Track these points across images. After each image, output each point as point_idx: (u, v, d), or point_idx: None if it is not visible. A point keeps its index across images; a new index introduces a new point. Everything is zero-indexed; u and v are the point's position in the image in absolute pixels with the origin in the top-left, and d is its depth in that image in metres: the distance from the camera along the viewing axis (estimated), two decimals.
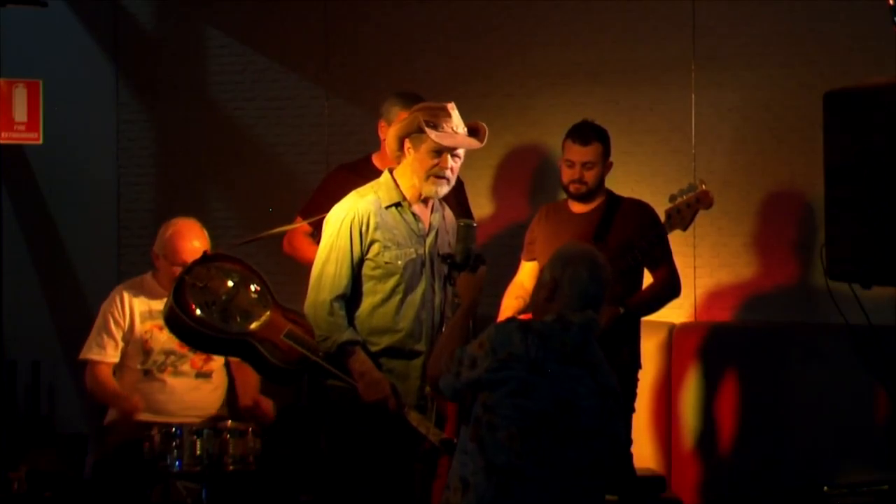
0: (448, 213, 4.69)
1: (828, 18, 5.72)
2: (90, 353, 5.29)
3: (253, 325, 4.63)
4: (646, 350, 5.44)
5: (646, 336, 5.34)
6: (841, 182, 3.79)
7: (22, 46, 6.40)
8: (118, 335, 5.28)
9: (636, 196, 5.31)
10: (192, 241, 5.29)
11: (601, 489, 3.98)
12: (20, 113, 6.12)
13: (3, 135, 6.12)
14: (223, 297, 4.66)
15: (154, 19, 6.83)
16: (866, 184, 3.70)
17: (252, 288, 4.74)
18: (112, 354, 5.28)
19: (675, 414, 5.72)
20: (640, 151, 5.98)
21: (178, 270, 5.20)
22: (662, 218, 4.90)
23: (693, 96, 5.93)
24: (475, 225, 4.36)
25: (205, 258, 4.81)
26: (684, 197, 4.86)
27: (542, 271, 4.08)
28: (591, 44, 6.08)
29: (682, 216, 4.87)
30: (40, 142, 6.19)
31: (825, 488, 5.00)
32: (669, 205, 4.88)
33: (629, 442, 4.91)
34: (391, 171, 4.56)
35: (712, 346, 5.73)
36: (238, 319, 4.64)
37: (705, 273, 5.91)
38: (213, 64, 6.71)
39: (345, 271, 4.44)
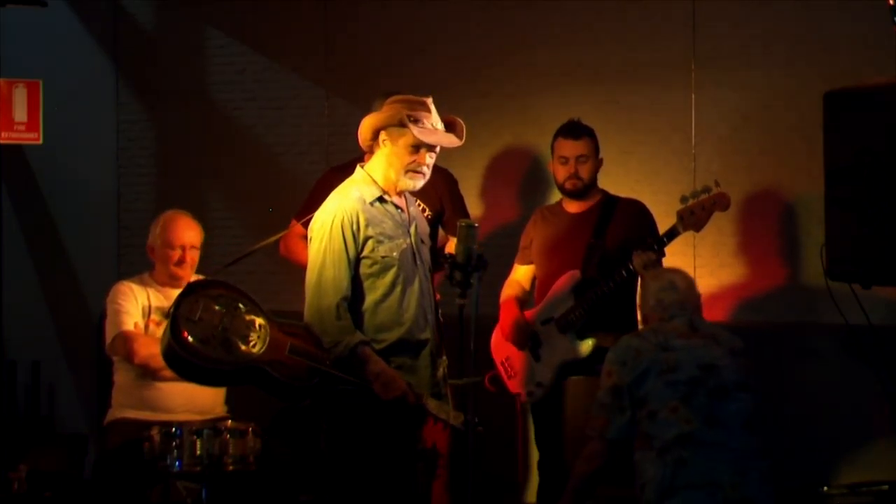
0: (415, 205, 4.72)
1: (828, 18, 5.72)
2: (117, 330, 5.22)
3: (256, 349, 4.52)
4: None
5: None
6: (841, 182, 3.80)
7: (22, 46, 6.39)
8: (136, 312, 5.27)
9: (636, 196, 5.31)
10: (187, 225, 5.33)
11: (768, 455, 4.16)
12: (20, 113, 6.11)
13: (3, 135, 6.11)
14: (220, 328, 4.54)
15: (154, 19, 6.83)
16: (866, 184, 3.70)
17: (242, 309, 4.64)
18: (137, 325, 5.26)
19: None
20: (640, 151, 5.98)
21: (177, 254, 5.24)
22: (674, 219, 4.89)
23: (693, 96, 5.93)
24: (477, 226, 4.35)
25: (190, 288, 4.69)
26: (699, 198, 4.85)
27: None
28: (591, 44, 6.08)
29: (697, 218, 4.86)
30: (40, 142, 6.19)
31: (825, 488, 5.01)
32: (681, 206, 4.87)
33: None
34: (362, 167, 4.55)
35: None
36: (240, 346, 4.52)
37: (705, 273, 5.90)
38: (213, 64, 6.71)
39: (344, 273, 4.40)
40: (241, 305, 4.60)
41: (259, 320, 4.56)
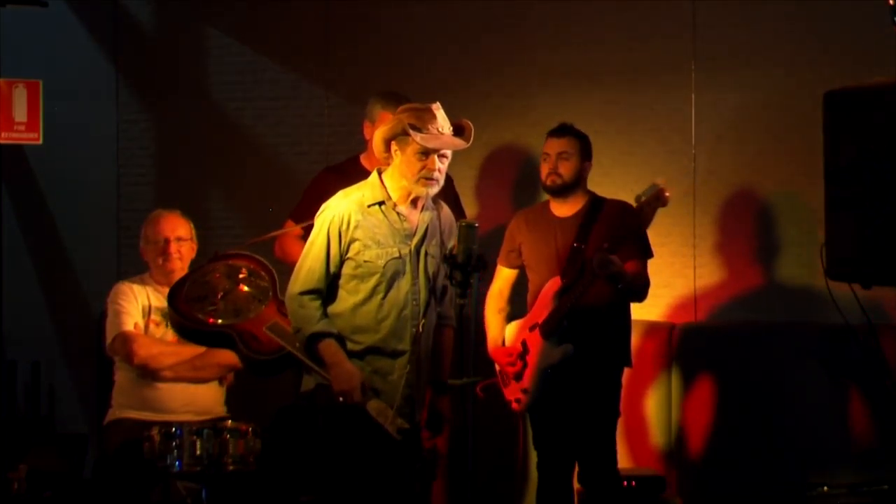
0: (445, 210, 4.68)
1: (828, 18, 5.73)
2: (117, 330, 5.26)
3: (238, 319, 4.71)
4: (646, 350, 5.45)
5: (646, 336, 5.34)
6: (841, 182, 3.79)
7: (22, 46, 6.40)
8: (136, 312, 5.30)
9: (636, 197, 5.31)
10: (168, 219, 5.38)
11: None
12: (20, 113, 6.11)
13: (3, 135, 6.12)
14: (219, 293, 4.73)
15: (154, 19, 6.83)
16: (866, 184, 3.70)
17: (252, 283, 4.78)
18: (138, 325, 5.29)
19: (676, 414, 5.72)
20: (640, 151, 5.98)
21: (159, 247, 5.31)
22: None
23: (693, 96, 5.93)
24: (477, 225, 4.35)
25: (215, 256, 4.88)
26: (645, 198, 4.88)
27: None
28: (591, 44, 6.08)
29: (646, 214, 4.89)
30: (40, 142, 6.19)
31: (825, 488, 5.01)
32: (635, 205, 4.90)
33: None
34: (380, 172, 4.56)
35: (713, 346, 5.73)
36: (226, 313, 4.72)
37: (705, 273, 5.91)
38: (213, 64, 6.71)
39: (318, 267, 4.46)
40: (255, 281, 4.79)
41: (262, 295, 4.78)
